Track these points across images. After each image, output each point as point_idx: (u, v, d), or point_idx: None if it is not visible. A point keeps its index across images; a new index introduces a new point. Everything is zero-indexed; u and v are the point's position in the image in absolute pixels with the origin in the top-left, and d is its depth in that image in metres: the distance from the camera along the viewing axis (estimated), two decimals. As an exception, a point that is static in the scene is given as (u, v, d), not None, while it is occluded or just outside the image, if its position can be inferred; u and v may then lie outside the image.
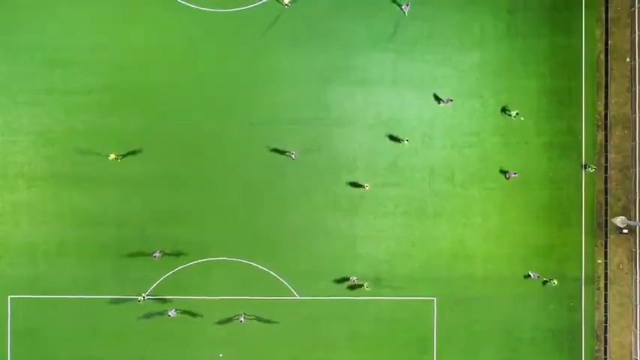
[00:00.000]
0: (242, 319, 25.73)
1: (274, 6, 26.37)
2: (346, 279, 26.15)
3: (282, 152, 26.11)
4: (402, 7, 25.98)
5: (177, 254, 26.14)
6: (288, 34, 26.41)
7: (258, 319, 26.16)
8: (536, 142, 26.34)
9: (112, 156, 25.64)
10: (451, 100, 25.85)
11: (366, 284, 25.75)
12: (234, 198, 26.30)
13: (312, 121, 26.36)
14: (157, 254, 25.77)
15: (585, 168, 26.20)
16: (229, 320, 26.16)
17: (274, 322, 26.24)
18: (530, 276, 25.93)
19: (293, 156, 25.70)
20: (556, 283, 25.83)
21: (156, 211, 26.23)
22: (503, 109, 26.12)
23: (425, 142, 26.41)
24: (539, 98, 26.41)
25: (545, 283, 26.07)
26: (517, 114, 25.83)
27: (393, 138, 26.20)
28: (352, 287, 26.18)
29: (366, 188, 25.95)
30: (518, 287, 26.25)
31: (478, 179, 26.40)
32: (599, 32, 26.56)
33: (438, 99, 26.11)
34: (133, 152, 26.12)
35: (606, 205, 26.52)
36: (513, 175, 25.87)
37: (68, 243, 26.26)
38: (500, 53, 26.52)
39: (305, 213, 26.39)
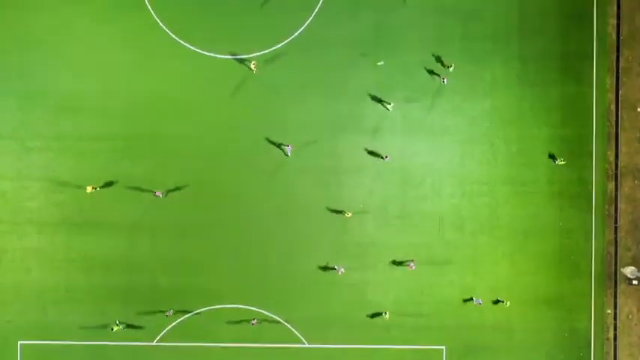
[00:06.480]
0: (254, 322, 25.87)
1: (285, 53, 26.37)
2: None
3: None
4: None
5: (187, 303, 26.23)
6: (299, 82, 26.41)
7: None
8: (546, 192, 26.34)
9: (89, 189, 25.60)
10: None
11: (385, 313, 25.83)
12: (243, 246, 26.31)
13: (323, 169, 26.39)
14: (170, 312, 26.08)
15: (555, 159, 25.85)
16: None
17: (283, 369, 26.33)
18: (472, 299, 25.97)
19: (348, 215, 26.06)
20: (508, 304, 25.71)
21: (166, 258, 26.24)
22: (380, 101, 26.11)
23: (435, 190, 26.43)
24: (549, 147, 26.40)
25: (495, 303, 26.01)
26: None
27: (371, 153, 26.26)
28: (372, 316, 26.14)
29: (348, 215, 25.99)
30: (527, 337, 26.29)
31: (488, 228, 26.40)
32: (609, 82, 26.50)
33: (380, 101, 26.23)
34: (144, 198, 26.19)
35: (616, 255, 26.50)
36: (412, 266, 25.79)
37: (78, 289, 26.30)
38: (511, 101, 26.50)
39: (315, 260, 26.39)
